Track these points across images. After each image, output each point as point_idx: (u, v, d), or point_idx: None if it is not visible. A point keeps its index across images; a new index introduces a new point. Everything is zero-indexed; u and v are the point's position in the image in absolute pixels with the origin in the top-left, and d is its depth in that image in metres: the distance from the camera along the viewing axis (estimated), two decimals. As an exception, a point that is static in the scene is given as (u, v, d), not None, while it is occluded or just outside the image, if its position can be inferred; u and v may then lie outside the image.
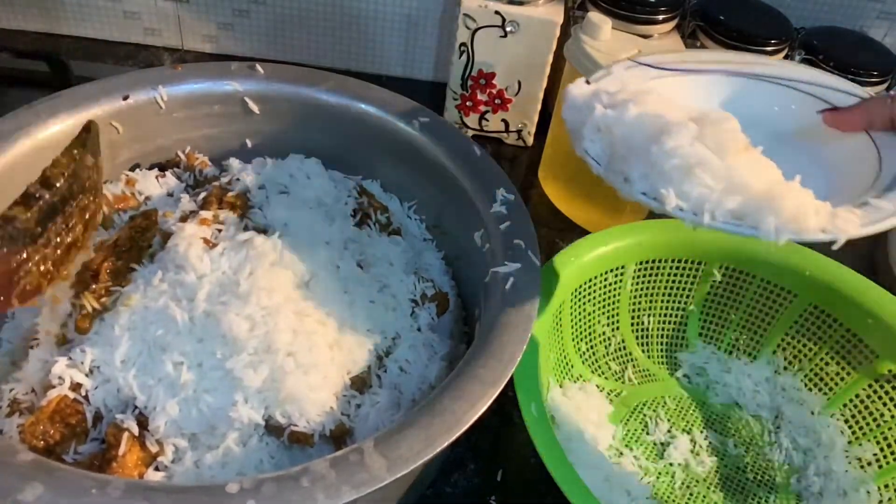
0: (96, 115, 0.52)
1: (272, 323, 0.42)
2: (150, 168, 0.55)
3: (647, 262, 0.58)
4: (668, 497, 0.53)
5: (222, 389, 0.41)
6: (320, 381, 0.42)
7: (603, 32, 0.63)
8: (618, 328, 0.60)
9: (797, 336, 0.59)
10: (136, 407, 0.40)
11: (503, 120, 0.79)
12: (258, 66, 0.57)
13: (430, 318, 0.51)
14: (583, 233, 0.72)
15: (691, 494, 0.53)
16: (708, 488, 0.54)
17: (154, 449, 0.40)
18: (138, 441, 0.40)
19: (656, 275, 0.59)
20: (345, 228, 0.51)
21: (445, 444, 0.37)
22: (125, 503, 0.33)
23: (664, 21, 0.73)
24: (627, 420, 0.57)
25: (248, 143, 0.59)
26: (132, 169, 0.55)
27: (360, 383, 0.45)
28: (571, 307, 0.55)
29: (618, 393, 0.58)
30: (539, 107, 0.77)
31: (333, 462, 0.35)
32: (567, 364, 0.56)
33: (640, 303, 0.60)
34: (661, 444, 0.56)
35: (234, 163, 0.55)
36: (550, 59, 0.73)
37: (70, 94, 0.52)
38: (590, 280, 0.56)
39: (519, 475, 0.53)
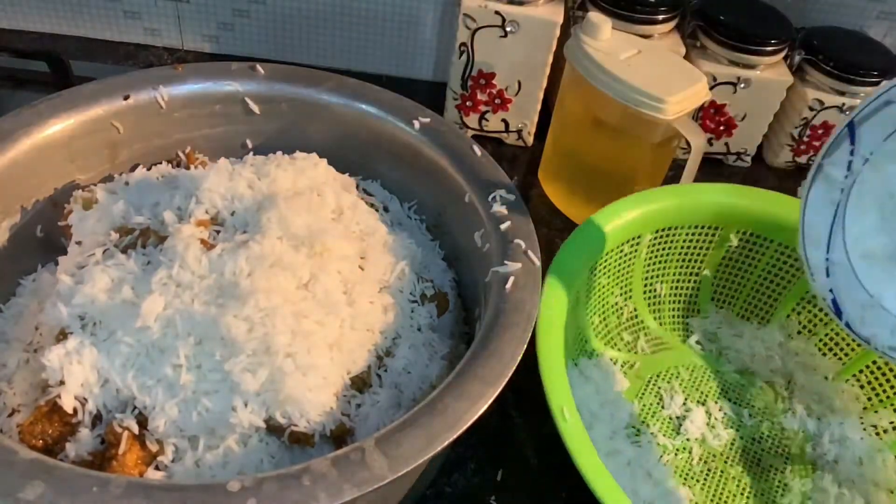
0: (97, 114, 0.52)
1: (271, 324, 0.42)
2: (150, 168, 0.55)
3: (663, 229, 0.58)
4: (688, 475, 0.53)
5: (221, 392, 0.41)
6: (320, 381, 0.42)
7: (603, 32, 0.63)
8: (630, 297, 0.59)
9: (813, 300, 0.59)
10: (135, 407, 0.40)
11: (503, 120, 0.79)
12: (258, 66, 0.57)
13: (430, 318, 0.51)
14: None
15: (710, 471, 0.53)
16: (725, 462, 0.54)
17: (154, 448, 0.40)
18: (138, 440, 0.40)
19: (671, 242, 0.59)
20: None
21: (446, 442, 0.37)
22: (126, 501, 0.33)
23: (664, 21, 0.73)
24: (642, 394, 0.57)
25: (248, 143, 0.59)
26: (132, 169, 0.55)
27: (360, 383, 0.45)
28: (588, 283, 0.55)
29: (631, 365, 0.58)
30: (539, 107, 0.77)
31: (334, 461, 0.35)
32: (582, 340, 0.56)
33: (653, 270, 0.60)
34: (677, 418, 0.56)
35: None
36: (550, 59, 0.73)
37: (70, 94, 0.52)
38: (607, 253, 0.55)
39: (519, 475, 0.53)
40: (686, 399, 0.57)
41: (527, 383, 0.57)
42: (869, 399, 0.56)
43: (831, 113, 0.78)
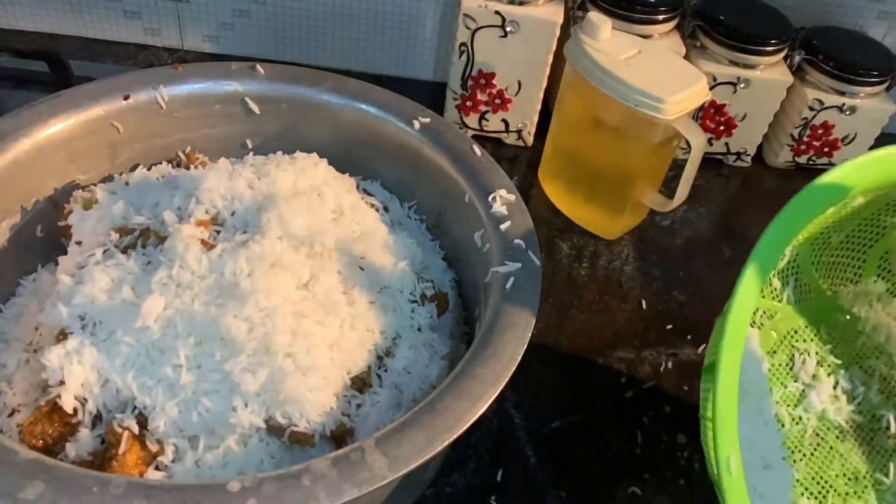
0: (97, 114, 0.52)
1: (271, 324, 0.42)
2: (150, 168, 0.55)
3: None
4: (797, 448, 0.51)
5: (221, 392, 0.41)
6: (320, 381, 0.42)
7: (603, 32, 0.63)
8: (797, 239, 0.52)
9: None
10: (135, 407, 0.41)
11: (503, 120, 0.79)
12: (258, 66, 0.57)
13: (430, 318, 0.51)
14: (583, 232, 0.72)
15: (818, 445, 0.51)
16: (837, 437, 0.52)
17: (154, 448, 0.40)
18: (138, 440, 0.40)
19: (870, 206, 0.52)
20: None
21: (446, 442, 0.37)
22: (126, 501, 0.33)
23: (664, 21, 0.73)
24: (775, 351, 0.54)
25: (248, 143, 0.59)
26: (132, 169, 0.55)
27: (360, 383, 0.45)
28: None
29: (771, 315, 0.54)
30: (539, 107, 0.77)
31: (335, 461, 0.35)
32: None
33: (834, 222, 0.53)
34: (806, 386, 0.53)
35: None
36: (550, 59, 0.73)
37: (71, 94, 0.52)
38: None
39: (519, 475, 0.53)
40: (818, 365, 0.54)
41: (527, 383, 0.58)
42: None
43: (831, 113, 0.78)
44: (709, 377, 0.44)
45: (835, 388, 0.54)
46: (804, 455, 0.51)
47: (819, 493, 0.51)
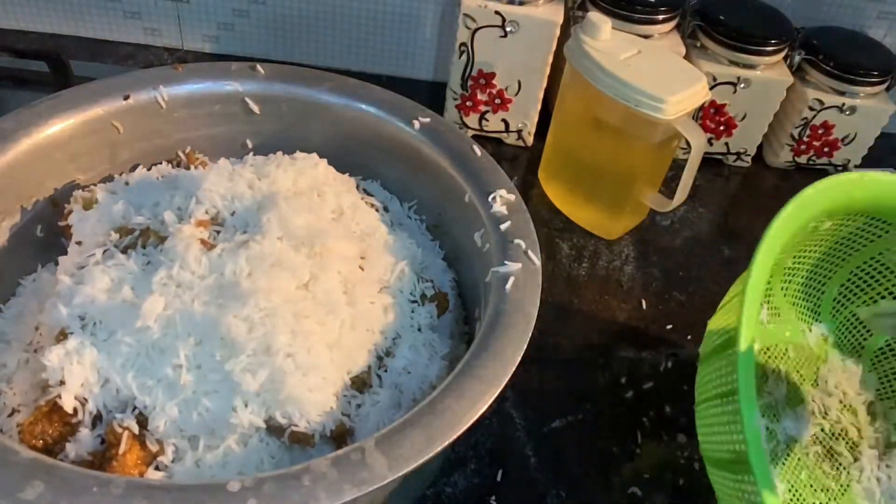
0: (97, 114, 0.52)
1: (271, 324, 0.42)
2: (150, 168, 0.55)
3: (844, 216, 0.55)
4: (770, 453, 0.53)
5: (221, 392, 0.41)
6: (320, 381, 0.42)
7: (603, 32, 0.63)
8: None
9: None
10: (135, 407, 0.40)
11: (503, 120, 0.79)
12: (258, 67, 0.57)
13: (430, 319, 0.51)
14: (583, 232, 0.72)
15: (788, 454, 0.53)
16: (804, 450, 0.54)
17: (154, 448, 0.40)
18: (138, 440, 0.40)
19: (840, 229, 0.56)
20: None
21: (446, 443, 0.37)
22: (126, 501, 0.33)
23: (664, 21, 0.73)
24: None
25: (248, 143, 0.59)
26: (132, 169, 0.55)
27: (360, 383, 0.45)
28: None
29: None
30: (539, 107, 0.77)
31: (335, 461, 0.35)
32: None
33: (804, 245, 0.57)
34: (775, 401, 0.55)
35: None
36: (550, 59, 0.73)
37: (71, 94, 0.52)
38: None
39: (519, 475, 0.53)
40: (790, 391, 0.56)
41: (527, 383, 0.58)
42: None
43: (831, 113, 0.78)
44: (719, 358, 0.46)
45: (800, 405, 0.56)
46: (775, 463, 0.53)
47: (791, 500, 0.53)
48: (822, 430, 0.56)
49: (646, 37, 0.72)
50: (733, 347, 0.43)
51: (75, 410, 0.40)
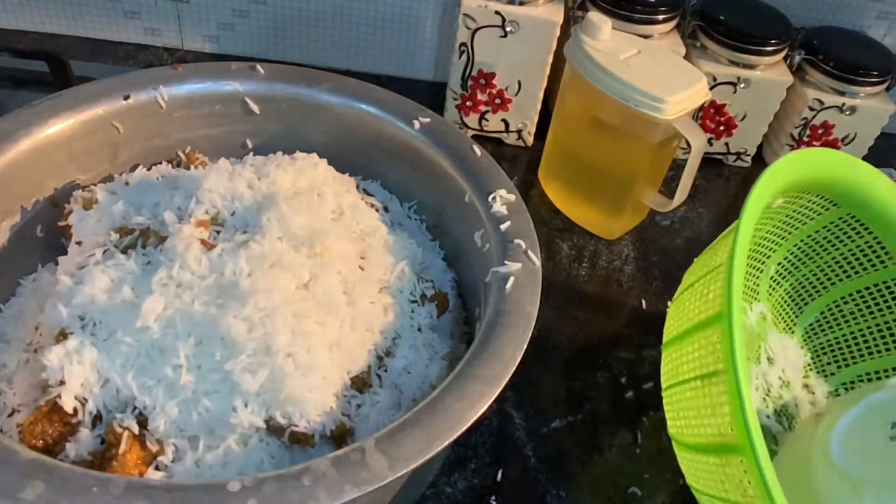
0: (97, 114, 0.52)
1: (271, 324, 0.42)
2: (150, 168, 0.55)
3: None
4: None
5: (221, 393, 0.41)
6: (320, 381, 0.42)
7: (603, 32, 0.63)
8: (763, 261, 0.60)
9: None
10: (135, 407, 0.40)
11: (503, 120, 0.79)
12: (258, 66, 0.57)
13: (430, 319, 0.51)
14: (583, 232, 0.72)
15: None
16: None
17: (154, 448, 0.40)
18: (138, 440, 0.40)
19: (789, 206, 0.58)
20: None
21: (446, 443, 0.37)
22: (126, 501, 0.33)
23: (664, 21, 0.73)
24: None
25: (248, 143, 0.59)
26: (132, 169, 0.55)
27: (360, 383, 0.45)
28: None
29: None
30: (539, 107, 0.77)
31: (335, 461, 0.35)
32: None
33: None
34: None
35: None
36: (550, 59, 0.73)
37: (71, 94, 0.52)
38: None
39: (519, 475, 0.53)
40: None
41: (527, 383, 0.58)
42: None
43: (831, 113, 0.78)
44: (694, 340, 0.47)
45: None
46: None
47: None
48: (766, 406, 0.57)
49: (646, 37, 0.72)
50: (715, 325, 0.43)
51: (75, 410, 0.40)
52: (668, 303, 0.68)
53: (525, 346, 0.42)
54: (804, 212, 0.58)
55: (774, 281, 0.62)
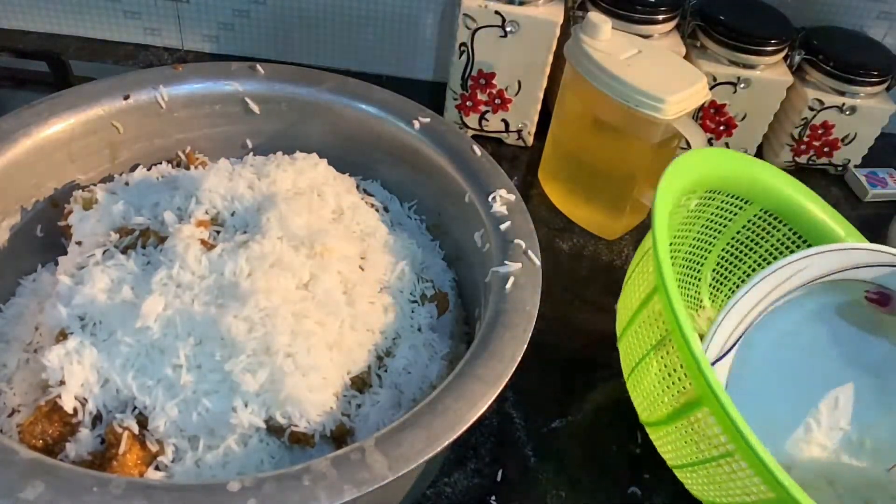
0: (97, 114, 0.52)
1: (271, 324, 0.42)
2: (150, 168, 0.55)
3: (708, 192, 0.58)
4: None
5: (221, 392, 0.41)
6: (320, 381, 0.42)
7: (603, 32, 0.63)
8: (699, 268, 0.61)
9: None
10: (135, 407, 0.41)
11: (503, 120, 0.79)
12: (258, 66, 0.57)
13: (430, 319, 0.51)
14: (583, 232, 0.72)
15: None
16: None
17: (154, 448, 0.40)
18: (138, 440, 0.40)
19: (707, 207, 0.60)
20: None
21: (447, 443, 0.37)
22: (126, 501, 0.33)
23: (664, 21, 0.73)
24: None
25: (249, 143, 0.59)
26: (132, 169, 0.55)
27: (360, 383, 0.45)
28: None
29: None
30: (539, 107, 0.77)
31: (335, 461, 0.35)
32: None
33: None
34: None
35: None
36: (550, 59, 0.73)
37: (71, 94, 0.52)
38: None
39: (519, 475, 0.53)
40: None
41: (527, 383, 0.58)
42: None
43: (831, 113, 0.78)
44: (640, 316, 0.49)
45: None
46: None
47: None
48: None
49: (646, 37, 0.72)
50: (654, 298, 0.46)
51: (75, 410, 0.40)
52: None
53: (525, 346, 0.42)
54: (722, 213, 0.60)
55: (714, 288, 0.64)
